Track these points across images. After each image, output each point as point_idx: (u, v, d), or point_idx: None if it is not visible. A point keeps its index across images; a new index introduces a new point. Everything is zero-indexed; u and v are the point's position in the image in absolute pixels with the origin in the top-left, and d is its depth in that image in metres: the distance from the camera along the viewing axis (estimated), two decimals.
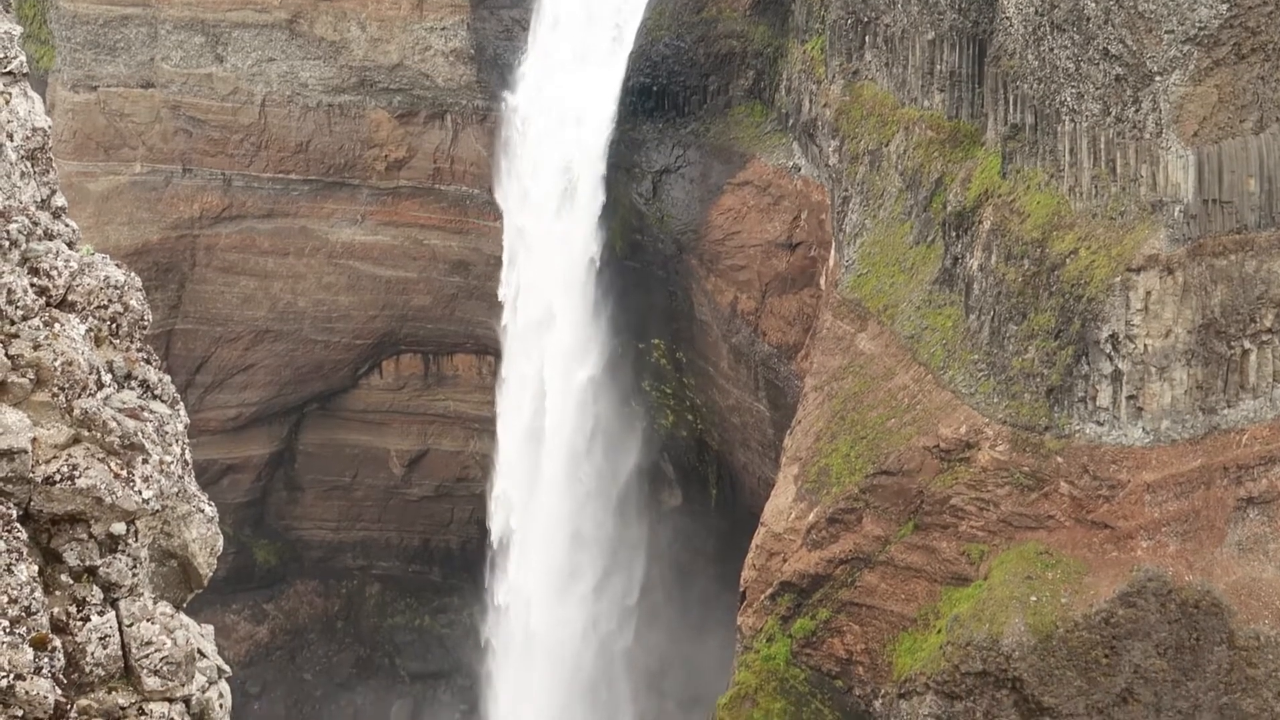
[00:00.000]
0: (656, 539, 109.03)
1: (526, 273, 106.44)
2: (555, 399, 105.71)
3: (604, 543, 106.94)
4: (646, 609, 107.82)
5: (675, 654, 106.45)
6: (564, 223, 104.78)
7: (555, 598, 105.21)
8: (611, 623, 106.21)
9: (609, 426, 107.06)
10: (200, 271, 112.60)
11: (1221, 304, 72.86)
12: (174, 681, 13.84)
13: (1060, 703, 72.21)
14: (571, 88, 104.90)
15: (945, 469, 76.52)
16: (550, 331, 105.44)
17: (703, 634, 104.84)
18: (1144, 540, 72.73)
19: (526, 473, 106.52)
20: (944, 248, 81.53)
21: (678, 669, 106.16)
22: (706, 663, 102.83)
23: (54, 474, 13.31)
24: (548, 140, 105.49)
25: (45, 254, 14.07)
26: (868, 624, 78.64)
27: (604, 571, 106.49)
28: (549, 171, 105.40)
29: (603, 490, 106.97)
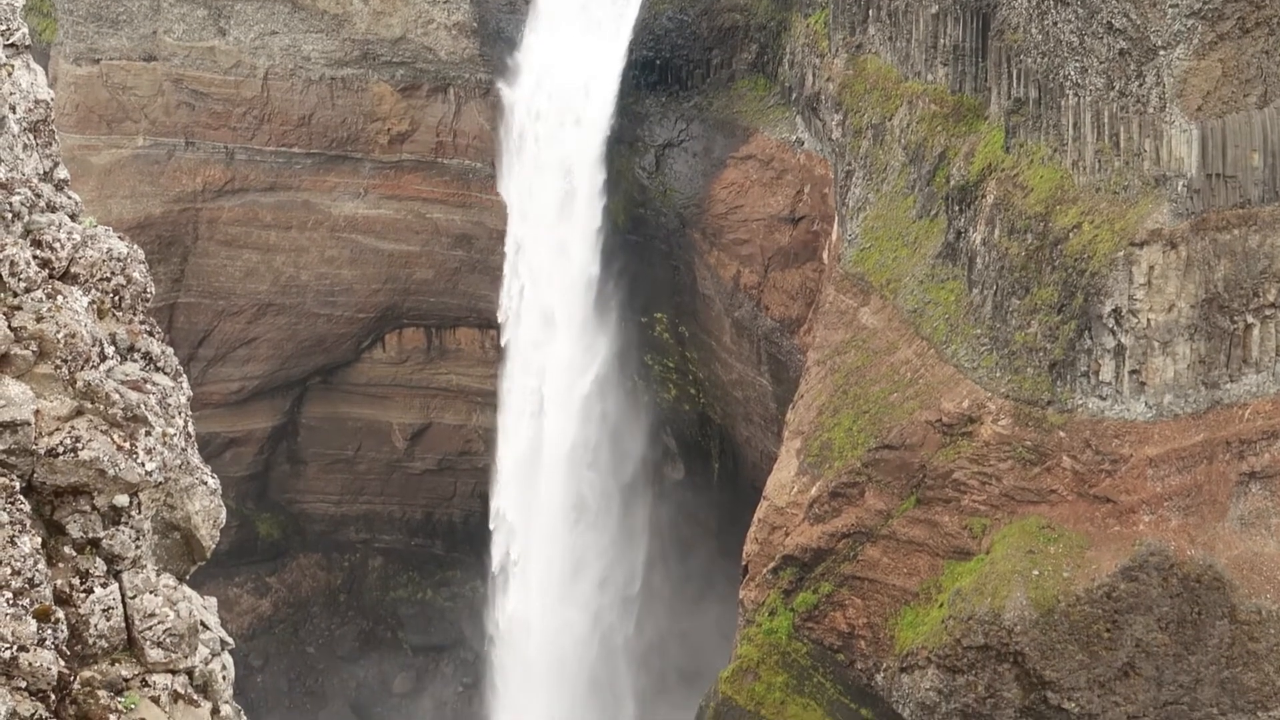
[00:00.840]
0: (658, 513, 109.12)
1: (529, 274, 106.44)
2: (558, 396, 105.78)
3: (608, 533, 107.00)
4: (648, 584, 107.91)
5: (676, 629, 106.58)
6: (565, 219, 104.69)
7: (557, 594, 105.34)
8: (613, 613, 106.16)
9: (615, 421, 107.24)
10: (203, 245, 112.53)
11: (1224, 278, 72.81)
12: (177, 653, 13.88)
13: (1062, 676, 72.32)
14: (574, 61, 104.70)
15: (947, 443, 76.55)
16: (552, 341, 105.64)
17: (704, 608, 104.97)
18: (1146, 514, 72.78)
19: (530, 456, 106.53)
20: (947, 222, 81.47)
21: (679, 643, 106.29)
22: (708, 636, 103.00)
23: (57, 446, 13.33)
24: (550, 120, 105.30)
25: (48, 226, 14.08)
26: (870, 598, 78.73)
27: (607, 560, 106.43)
28: (550, 161, 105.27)
29: (609, 479, 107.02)
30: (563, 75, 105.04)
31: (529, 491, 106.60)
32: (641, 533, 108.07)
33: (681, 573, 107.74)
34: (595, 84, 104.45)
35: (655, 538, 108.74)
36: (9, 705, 12.60)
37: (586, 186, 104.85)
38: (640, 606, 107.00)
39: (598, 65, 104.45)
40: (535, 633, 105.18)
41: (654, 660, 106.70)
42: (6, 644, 12.67)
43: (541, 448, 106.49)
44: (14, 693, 12.72)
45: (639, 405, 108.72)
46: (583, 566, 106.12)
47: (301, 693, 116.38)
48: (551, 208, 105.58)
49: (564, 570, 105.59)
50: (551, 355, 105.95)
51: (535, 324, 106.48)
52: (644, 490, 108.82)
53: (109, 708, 13.36)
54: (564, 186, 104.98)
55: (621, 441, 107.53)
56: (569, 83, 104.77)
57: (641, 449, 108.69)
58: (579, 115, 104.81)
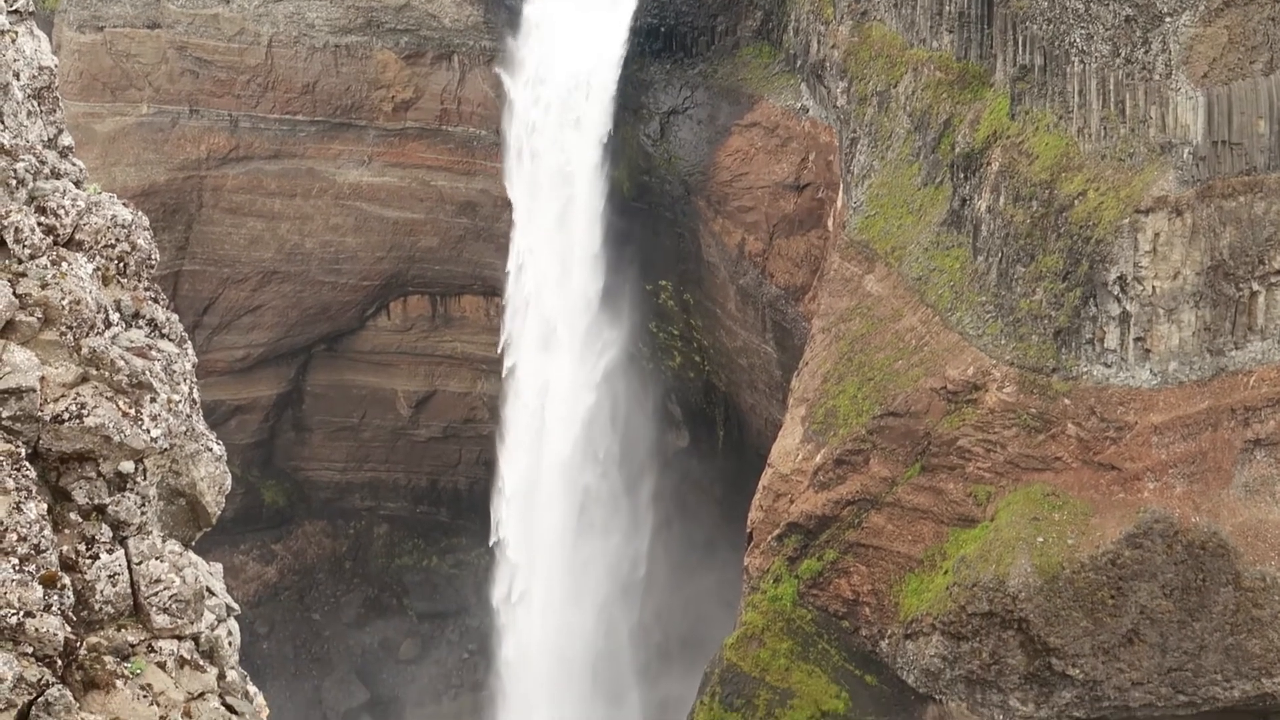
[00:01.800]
0: (663, 481, 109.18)
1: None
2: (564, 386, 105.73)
3: (615, 521, 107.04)
4: (654, 551, 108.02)
5: (681, 596, 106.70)
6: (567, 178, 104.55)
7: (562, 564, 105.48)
8: (616, 594, 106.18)
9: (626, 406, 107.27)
10: (207, 213, 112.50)
11: (1230, 246, 72.72)
12: (183, 619, 13.91)
13: (1066, 643, 72.43)
14: (579, 30, 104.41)
15: (952, 410, 76.55)
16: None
17: (709, 575, 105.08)
18: (1151, 482, 72.81)
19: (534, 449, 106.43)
20: (952, 189, 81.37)
21: (683, 611, 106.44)
22: (712, 604, 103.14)
23: (62, 412, 13.34)
24: (554, 88, 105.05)
25: (52, 193, 14.07)
26: (874, 565, 78.82)
27: (613, 547, 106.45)
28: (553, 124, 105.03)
29: (616, 472, 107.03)
30: (566, 46, 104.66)
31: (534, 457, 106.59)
32: (646, 507, 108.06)
33: (686, 540, 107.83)
34: (600, 52, 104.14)
35: (660, 504, 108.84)
36: (15, 670, 12.64)
37: (590, 162, 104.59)
38: (645, 574, 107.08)
39: (602, 33, 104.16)
40: (539, 602, 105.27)
41: (658, 628, 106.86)
42: (13, 610, 12.71)
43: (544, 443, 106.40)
44: (20, 658, 12.75)
45: (645, 375, 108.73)
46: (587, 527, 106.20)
47: (307, 659, 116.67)
48: (556, 176, 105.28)
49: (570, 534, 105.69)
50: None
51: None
52: (648, 471, 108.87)
53: (115, 673, 13.40)
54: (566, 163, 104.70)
55: (631, 424, 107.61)
56: (574, 54, 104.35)
57: (650, 449, 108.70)
58: (586, 82, 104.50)
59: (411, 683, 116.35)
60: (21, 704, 12.73)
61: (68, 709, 12.88)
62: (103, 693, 13.29)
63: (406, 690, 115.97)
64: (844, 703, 79.74)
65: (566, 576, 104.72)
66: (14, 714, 12.68)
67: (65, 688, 12.99)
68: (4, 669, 12.58)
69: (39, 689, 12.80)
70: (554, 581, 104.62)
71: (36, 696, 12.80)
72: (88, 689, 13.26)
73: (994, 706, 74.53)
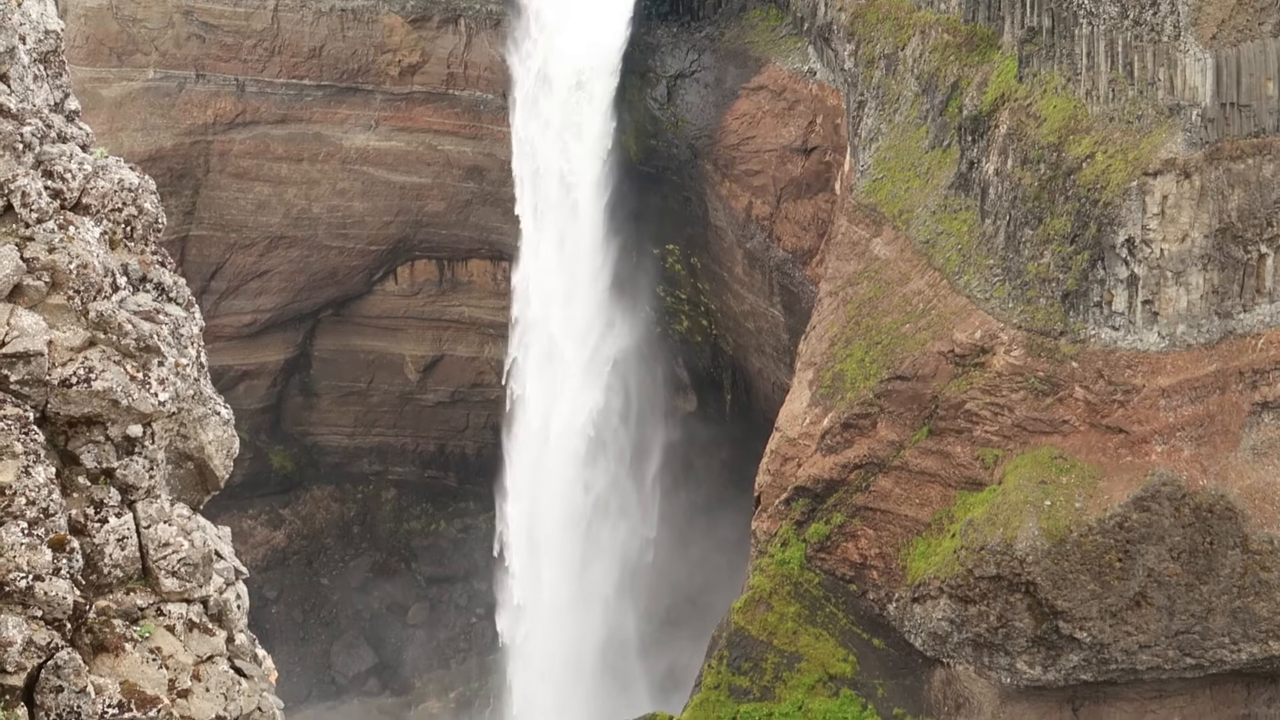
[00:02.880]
0: (671, 446, 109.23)
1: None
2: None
3: (624, 508, 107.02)
4: (662, 515, 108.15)
5: (688, 560, 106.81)
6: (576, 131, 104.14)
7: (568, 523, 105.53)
8: (625, 583, 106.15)
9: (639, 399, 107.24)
10: (214, 178, 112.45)
11: (1238, 208, 72.59)
12: (191, 582, 13.93)
13: (1073, 606, 72.50)
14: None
15: (960, 374, 76.54)
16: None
17: (716, 539, 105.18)
18: (1158, 445, 72.81)
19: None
20: (960, 152, 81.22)
21: (690, 574, 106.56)
22: (720, 567, 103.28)
23: (70, 376, 13.35)
24: (562, 48, 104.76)
25: (59, 157, 14.05)
26: (882, 528, 78.89)
27: (621, 537, 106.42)
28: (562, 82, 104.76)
29: (629, 466, 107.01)
30: (576, 9, 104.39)
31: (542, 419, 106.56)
32: (653, 489, 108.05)
33: (692, 505, 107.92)
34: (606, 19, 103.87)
35: (666, 469, 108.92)
36: (25, 634, 12.67)
37: (599, 116, 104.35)
38: (653, 559, 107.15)
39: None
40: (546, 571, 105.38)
41: (665, 591, 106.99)
42: (22, 573, 12.73)
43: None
44: (30, 621, 12.78)
45: (653, 337, 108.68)
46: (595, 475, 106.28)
47: (315, 623, 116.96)
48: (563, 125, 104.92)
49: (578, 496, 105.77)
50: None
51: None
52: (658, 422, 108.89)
53: (124, 636, 13.43)
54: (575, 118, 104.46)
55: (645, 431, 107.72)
56: (580, 22, 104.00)
57: (666, 455, 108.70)
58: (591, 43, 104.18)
59: (419, 646, 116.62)
60: (31, 667, 12.76)
61: (77, 672, 12.91)
62: (112, 656, 13.33)
63: (414, 654, 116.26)
64: (851, 666, 79.90)
65: (573, 575, 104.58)
66: (23, 677, 12.72)
67: (74, 651, 13.03)
68: (13, 632, 12.61)
69: (48, 652, 12.84)
70: (560, 584, 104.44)
71: (46, 660, 12.84)
72: (97, 652, 13.30)
73: (1001, 669, 74.67)
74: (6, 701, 12.62)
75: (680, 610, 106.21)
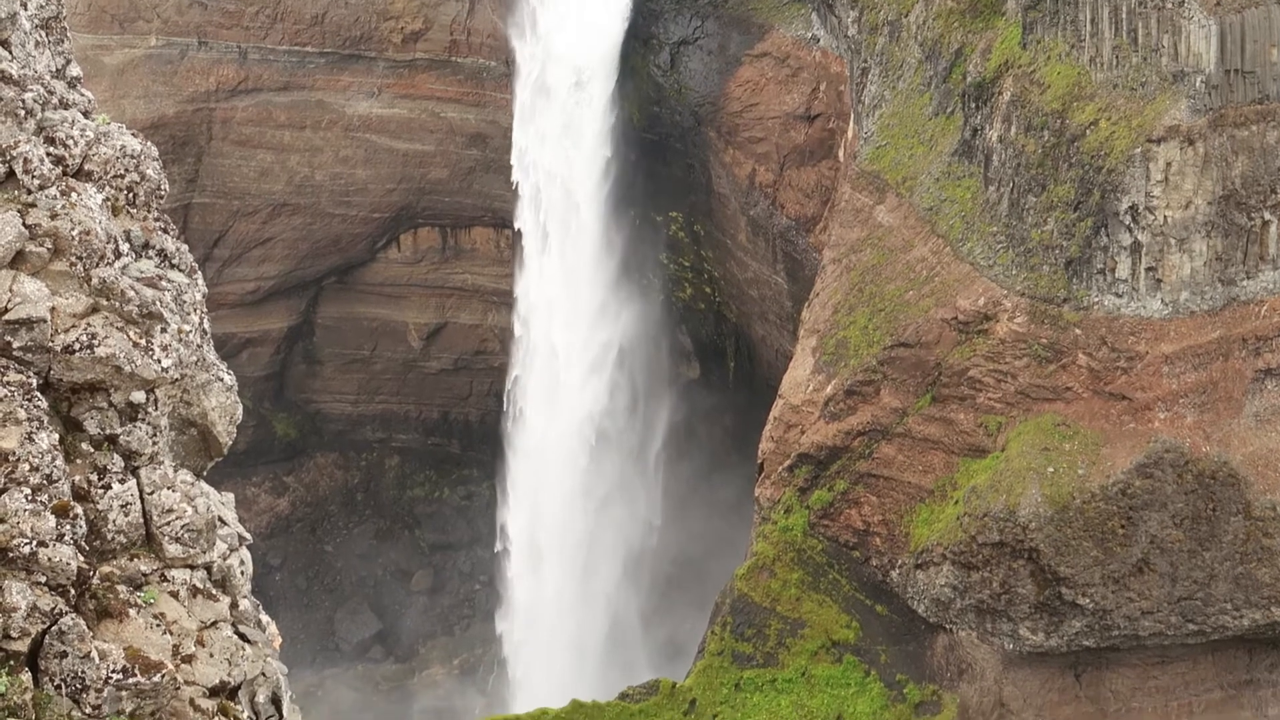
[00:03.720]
0: (675, 419, 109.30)
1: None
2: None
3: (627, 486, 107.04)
4: (665, 482, 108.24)
5: (691, 527, 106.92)
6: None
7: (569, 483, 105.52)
8: (630, 565, 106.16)
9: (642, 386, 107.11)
10: (217, 145, 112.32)
11: (1242, 175, 72.49)
12: (195, 548, 13.96)
13: (1076, 573, 72.60)
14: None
15: (963, 341, 76.53)
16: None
17: (720, 506, 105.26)
18: (1161, 412, 72.82)
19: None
20: (963, 119, 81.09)
21: (694, 541, 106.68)
22: (723, 534, 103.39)
23: (73, 343, 13.36)
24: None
25: (61, 123, 14.04)
26: (885, 495, 78.96)
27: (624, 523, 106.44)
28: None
29: (633, 454, 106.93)
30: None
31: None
32: (655, 469, 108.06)
33: (696, 472, 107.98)
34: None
35: (670, 434, 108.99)
36: (29, 599, 12.70)
37: (600, 88, 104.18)
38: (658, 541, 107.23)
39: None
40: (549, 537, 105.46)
41: (668, 560, 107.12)
42: (26, 539, 12.76)
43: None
44: (34, 587, 12.82)
45: (655, 305, 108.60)
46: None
47: (319, 590, 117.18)
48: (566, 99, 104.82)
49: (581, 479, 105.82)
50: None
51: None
52: (661, 400, 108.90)
53: (128, 602, 13.46)
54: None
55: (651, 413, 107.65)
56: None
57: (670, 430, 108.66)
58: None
59: (423, 613, 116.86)
60: (35, 633, 12.80)
61: (81, 638, 12.94)
62: (116, 622, 13.36)
63: (418, 620, 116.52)
64: (854, 632, 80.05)
65: (576, 572, 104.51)
66: (28, 643, 12.75)
67: (78, 617, 13.06)
68: (17, 598, 12.65)
69: (52, 618, 12.87)
70: (564, 583, 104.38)
71: (50, 625, 12.87)
72: (101, 618, 13.33)
73: (1004, 635, 74.80)
74: (11, 667, 12.66)
75: (683, 578, 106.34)
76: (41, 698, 12.77)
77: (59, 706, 12.82)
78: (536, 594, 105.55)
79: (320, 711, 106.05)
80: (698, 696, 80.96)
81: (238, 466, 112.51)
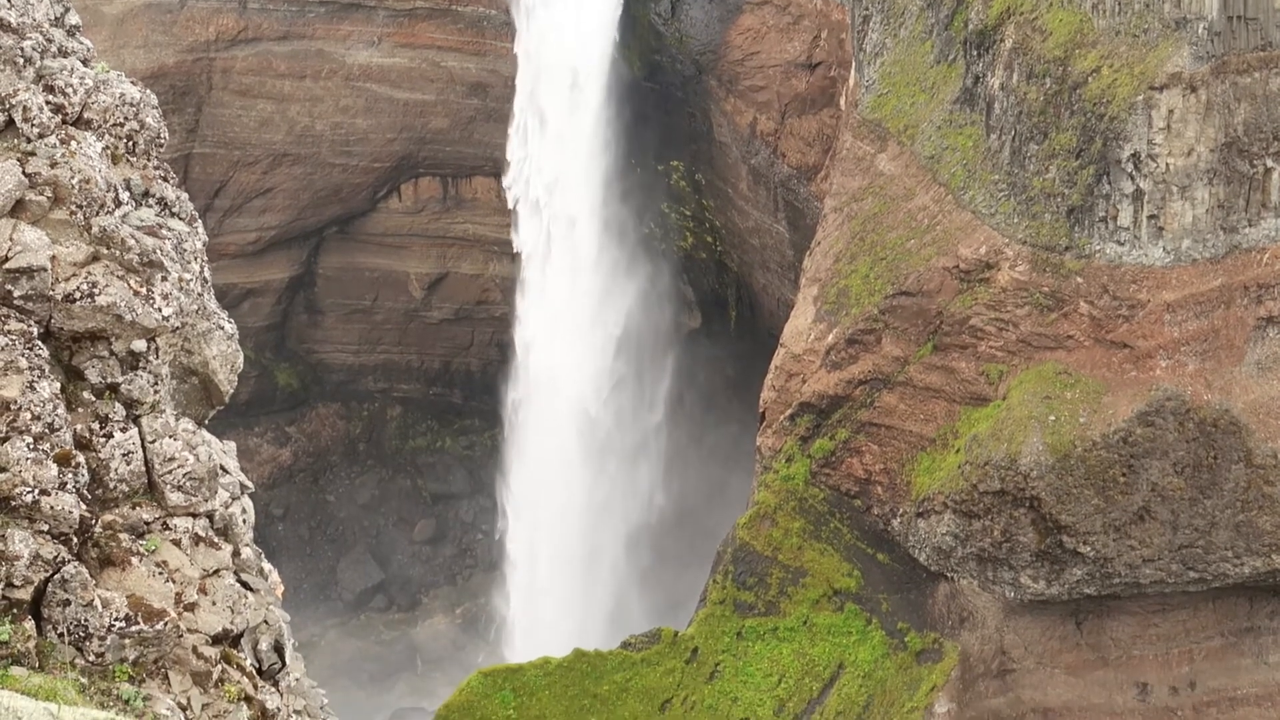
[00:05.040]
0: (678, 363, 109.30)
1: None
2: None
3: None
4: (667, 431, 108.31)
5: (692, 476, 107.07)
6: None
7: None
8: (632, 535, 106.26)
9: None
10: (217, 95, 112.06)
11: (1244, 122, 72.31)
12: (197, 497, 13.98)
13: (1077, 521, 72.70)
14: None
15: (965, 289, 76.48)
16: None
17: (721, 455, 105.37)
18: (1163, 360, 72.82)
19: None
20: (965, 67, 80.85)
21: (696, 491, 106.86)
22: (725, 483, 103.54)
23: (74, 291, 13.36)
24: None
25: (60, 71, 14.01)
26: (886, 444, 79.02)
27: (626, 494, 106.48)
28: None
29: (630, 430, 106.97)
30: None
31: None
32: (657, 433, 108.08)
33: (698, 421, 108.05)
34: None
35: (674, 383, 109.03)
36: (32, 548, 12.73)
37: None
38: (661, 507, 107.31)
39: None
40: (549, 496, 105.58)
41: (671, 511, 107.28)
42: (28, 488, 12.78)
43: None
44: (37, 536, 12.84)
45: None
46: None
47: (322, 540, 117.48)
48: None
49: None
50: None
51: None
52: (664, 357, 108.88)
53: (131, 551, 13.49)
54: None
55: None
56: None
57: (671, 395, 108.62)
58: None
59: (425, 563, 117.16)
60: (38, 581, 12.83)
61: (84, 586, 12.97)
62: (119, 570, 13.39)
63: (420, 570, 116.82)
64: (855, 581, 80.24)
65: (578, 564, 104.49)
66: (31, 591, 12.78)
67: (81, 565, 13.09)
68: (20, 546, 12.67)
69: (55, 566, 12.90)
70: (566, 529, 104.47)
71: (53, 573, 12.90)
72: (104, 566, 13.37)
73: (1005, 584, 74.95)
74: (14, 615, 12.69)
75: (685, 529, 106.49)
76: (45, 646, 12.81)
77: (62, 654, 12.86)
78: (537, 546, 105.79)
79: (323, 660, 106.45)
80: (699, 645, 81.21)
81: (240, 417, 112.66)
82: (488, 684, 79.80)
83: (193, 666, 13.53)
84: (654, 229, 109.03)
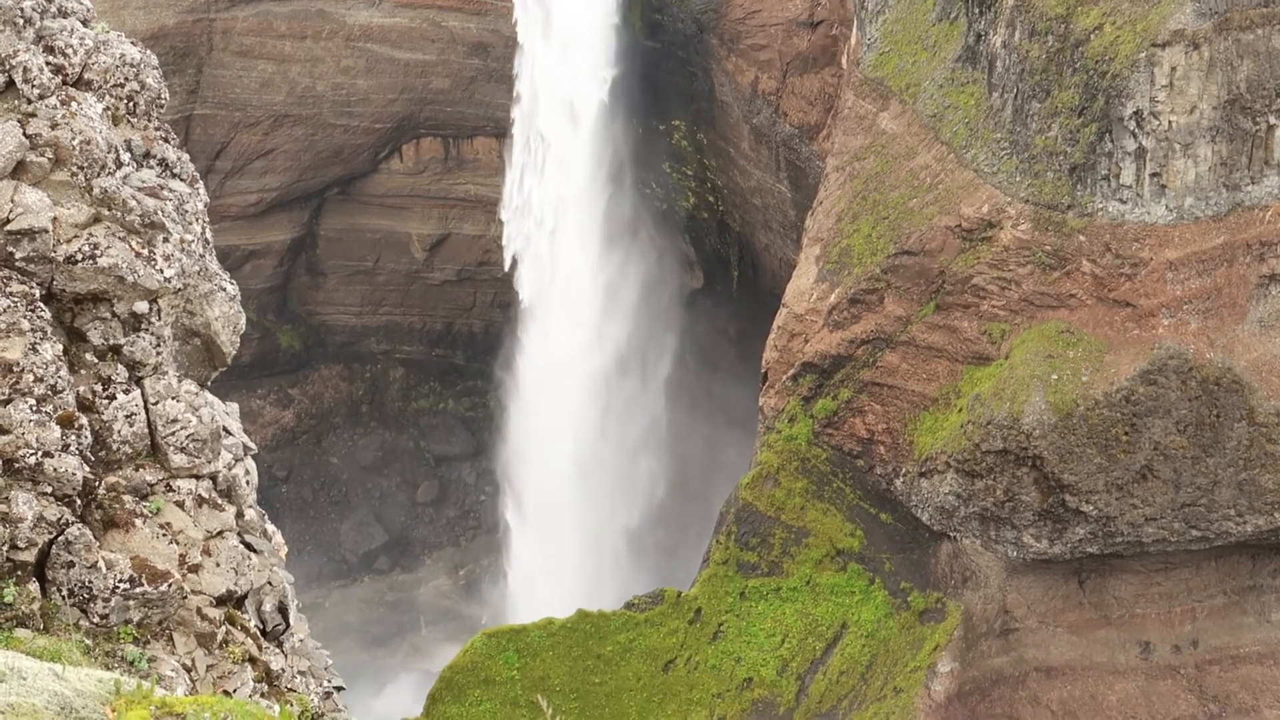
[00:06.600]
0: (680, 323, 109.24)
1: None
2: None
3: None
4: (670, 392, 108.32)
5: (697, 438, 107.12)
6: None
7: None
8: (636, 518, 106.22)
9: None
10: (217, 56, 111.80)
11: (1247, 79, 72.11)
12: (200, 458, 13.97)
13: (1080, 480, 72.74)
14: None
15: (967, 248, 76.39)
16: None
17: (724, 414, 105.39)
18: (1165, 318, 72.77)
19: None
20: (967, 24, 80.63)
21: (698, 449, 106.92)
22: (727, 443, 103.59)
23: (75, 253, 13.33)
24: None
25: (60, 32, 13.95)
26: (889, 404, 79.02)
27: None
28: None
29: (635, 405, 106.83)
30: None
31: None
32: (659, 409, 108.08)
33: (700, 381, 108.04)
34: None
35: (676, 344, 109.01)
36: (35, 510, 12.72)
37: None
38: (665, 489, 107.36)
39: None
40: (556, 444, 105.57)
41: (674, 469, 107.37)
42: (31, 450, 12.77)
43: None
44: (40, 498, 12.84)
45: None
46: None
47: (325, 502, 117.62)
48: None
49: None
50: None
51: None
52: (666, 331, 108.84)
53: (134, 512, 13.49)
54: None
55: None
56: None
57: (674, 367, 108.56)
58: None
59: (428, 524, 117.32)
60: (42, 543, 12.83)
61: (88, 547, 12.97)
62: (122, 531, 13.39)
63: (423, 531, 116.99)
64: (858, 540, 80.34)
65: (584, 543, 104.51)
66: (35, 553, 12.79)
67: (85, 527, 13.09)
68: (24, 508, 12.67)
69: (59, 528, 12.90)
70: (569, 487, 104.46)
71: (56, 535, 12.90)
72: (107, 528, 13.36)
73: (1008, 543, 75.03)
74: (19, 577, 12.70)
75: (687, 490, 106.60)
76: (49, 608, 12.82)
77: (66, 616, 12.87)
78: (538, 507, 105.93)
79: (326, 621, 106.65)
80: (703, 605, 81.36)
81: (242, 379, 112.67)
82: (491, 645, 79.96)
83: (197, 628, 13.54)
84: (655, 189, 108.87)
